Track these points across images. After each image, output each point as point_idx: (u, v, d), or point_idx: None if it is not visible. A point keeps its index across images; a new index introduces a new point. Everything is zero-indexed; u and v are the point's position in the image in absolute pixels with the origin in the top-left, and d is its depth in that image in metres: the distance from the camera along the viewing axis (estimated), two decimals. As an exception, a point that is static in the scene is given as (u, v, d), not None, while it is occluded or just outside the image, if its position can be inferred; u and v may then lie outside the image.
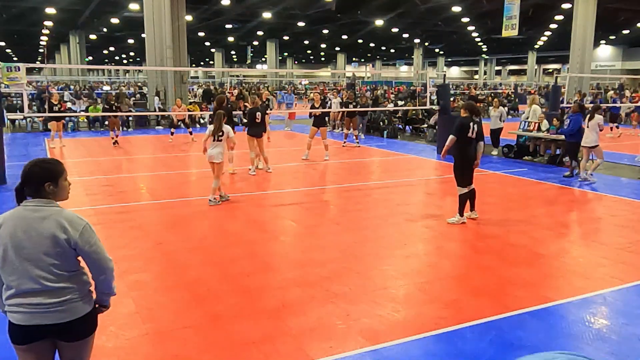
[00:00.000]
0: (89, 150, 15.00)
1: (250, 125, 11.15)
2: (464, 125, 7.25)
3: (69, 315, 2.57)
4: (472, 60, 69.76)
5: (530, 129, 13.30)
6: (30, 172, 2.59)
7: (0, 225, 2.56)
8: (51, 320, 2.54)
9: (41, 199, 2.58)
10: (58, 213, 2.58)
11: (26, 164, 2.63)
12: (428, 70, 38.19)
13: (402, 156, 14.18)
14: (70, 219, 2.58)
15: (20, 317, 2.54)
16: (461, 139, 7.25)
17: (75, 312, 2.59)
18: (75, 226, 2.56)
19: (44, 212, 2.55)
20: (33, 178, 2.58)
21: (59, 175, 2.63)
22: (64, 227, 2.53)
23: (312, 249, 6.42)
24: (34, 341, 2.58)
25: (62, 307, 2.55)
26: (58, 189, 2.62)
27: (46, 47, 45.87)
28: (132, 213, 8.04)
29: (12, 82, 10.42)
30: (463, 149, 7.28)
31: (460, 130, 7.23)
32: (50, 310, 2.54)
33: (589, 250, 6.51)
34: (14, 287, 2.54)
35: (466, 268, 5.83)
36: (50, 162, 2.69)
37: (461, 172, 7.35)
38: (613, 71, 44.96)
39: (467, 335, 4.23)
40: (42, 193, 2.58)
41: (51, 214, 2.56)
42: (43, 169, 2.61)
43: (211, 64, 68.15)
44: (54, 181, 2.60)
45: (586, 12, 25.27)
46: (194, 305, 4.75)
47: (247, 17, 33.58)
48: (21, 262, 2.52)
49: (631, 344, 4.08)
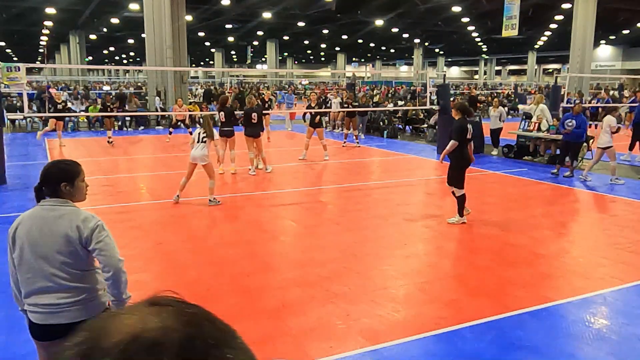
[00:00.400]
0: (89, 150, 15.00)
1: (246, 125, 11.14)
2: (464, 128, 7.31)
3: (83, 314, 2.60)
4: (472, 60, 69.71)
5: (530, 129, 13.30)
6: (48, 172, 2.67)
7: (18, 224, 2.63)
8: (66, 320, 2.58)
9: (57, 199, 2.64)
10: (72, 212, 2.63)
11: (45, 165, 2.72)
12: (428, 70, 38.16)
13: (402, 156, 14.18)
14: (84, 217, 2.63)
15: (37, 317, 2.60)
16: (461, 142, 7.31)
17: (90, 311, 2.62)
18: (87, 224, 2.61)
19: (59, 211, 2.61)
20: (51, 178, 2.65)
21: (75, 176, 2.68)
22: (77, 225, 2.59)
23: (312, 249, 6.42)
24: (53, 339, 2.61)
25: (77, 307, 2.60)
26: (74, 190, 2.68)
27: (46, 47, 45.87)
28: (132, 213, 8.04)
29: (12, 82, 10.41)
30: (461, 150, 7.32)
31: (461, 134, 7.29)
32: (64, 309, 2.58)
33: (589, 250, 6.51)
34: (30, 285, 2.59)
35: (466, 268, 5.82)
36: (67, 163, 2.75)
37: (459, 173, 7.40)
38: (613, 71, 44.95)
39: (467, 335, 4.23)
40: (58, 193, 2.64)
41: (65, 213, 2.61)
42: (60, 169, 2.69)
43: (211, 64, 68.13)
44: (70, 182, 2.66)
45: (586, 12, 25.27)
46: (194, 305, 4.74)
47: (247, 17, 33.57)
48: (36, 260, 2.57)
49: (631, 344, 4.08)
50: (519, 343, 4.13)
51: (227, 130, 11.12)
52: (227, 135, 11.06)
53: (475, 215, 8.03)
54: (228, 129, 11.16)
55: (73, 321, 2.57)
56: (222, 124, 11.22)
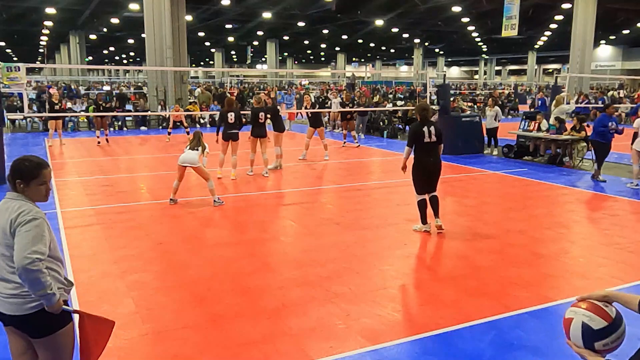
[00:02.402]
0: (89, 150, 15.00)
1: (254, 125, 10.83)
2: (416, 133, 6.90)
3: (20, 309, 2.61)
4: (472, 60, 69.71)
5: (530, 129, 13.30)
6: (11, 166, 2.74)
7: None
8: (6, 310, 2.62)
9: (12, 192, 2.69)
10: (14, 206, 2.63)
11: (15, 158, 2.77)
12: (428, 70, 38.15)
13: (402, 156, 14.14)
14: (21, 210, 2.60)
15: None
16: (417, 147, 6.94)
17: (22, 309, 2.61)
18: (19, 218, 2.57)
19: (8, 204, 2.66)
20: (10, 173, 2.71)
21: (30, 178, 2.67)
22: (13, 218, 2.58)
23: (312, 249, 6.42)
24: (6, 325, 2.69)
25: (13, 300, 2.61)
26: (28, 190, 2.68)
27: (46, 47, 45.89)
28: (132, 213, 8.03)
29: (12, 82, 10.41)
30: (418, 155, 6.98)
31: (414, 139, 6.91)
32: (3, 300, 2.62)
33: (589, 250, 6.51)
34: None
35: (466, 268, 5.82)
36: (28, 162, 2.71)
37: (414, 177, 7.11)
38: (613, 71, 44.95)
39: (467, 335, 4.23)
40: (15, 188, 2.69)
41: (9, 206, 2.64)
42: (18, 167, 2.70)
43: (211, 64, 68.11)
44: (25, 181, 2.67)
45: (586, 12, 25.27)
46: (194, 305, 4.75)
47: (247, 17, 33.56)
48: None
49: (631, 344, 4.07)
50: (519, 343, 4.13)
51: (235, 133, 10.51)
52: (234, 138, 10.48)
53: (475, 215, 8.04)
54: (236, 132, 10.55)
55: (12, 314, 2.62)
56: (231, 126, 10.49)
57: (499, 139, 14.48)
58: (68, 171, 11.56)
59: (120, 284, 5.20)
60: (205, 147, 8.51)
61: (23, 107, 14.43)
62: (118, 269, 5.56)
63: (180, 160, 8.36)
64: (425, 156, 6.93)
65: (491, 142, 14.49)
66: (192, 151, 8.34)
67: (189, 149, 8.41)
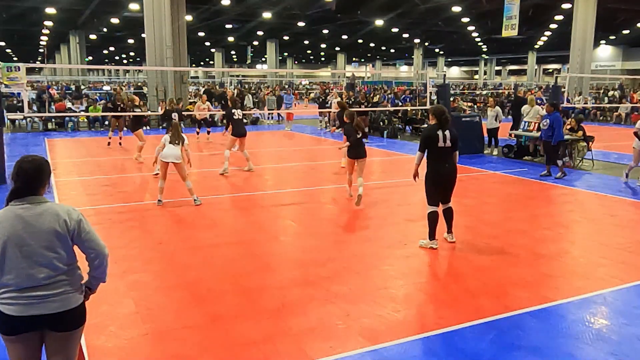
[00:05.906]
0: (89, 150, 15.00)
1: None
2: (430, 137, 6.23)
3: (63, 306, 2.67)
4: (472, 60, 69.72)
5: (530, 129, 13.30)
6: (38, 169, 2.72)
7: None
8: (47, 310, 2.64)
9: (35, 197, 2.69)
10: (56, 208, 2.70)
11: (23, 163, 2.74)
12: (428, 70, 38.17)
13: (402, 156, 14.17)
14: (66, 210, 2.72)
15: (15, 309, 2.60)
16: (430, 152, 6.30)
17: (69, 303, 2.69)
18: (72, 216, 2.70)
19: (43, 208, 2.67)
20: (38, 175, 2.72)
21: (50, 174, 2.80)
22: (63, 219, 2.66)
23: (312, 249, 6.42)
24: (24, 332, 2.65)
25: (57, 298, 2.65)
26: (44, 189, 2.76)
27: (46, 47, 45.91)
28: (132, 213, 8.03)
29: (12, 82, 10.42)
30: (431, 161, 6.34)
31: (426, 144, 6.28)
32: (46, 301, 2.63)
33: (589, 250, 6.51)
34: (12, 285, 2.60)
35: (466, 268, 5.82)
36: (45, 160, 2.80)
37: (428, 187, 6.45)
38: (613, 71, 44.95)
39: (467, 335, 4.23)
40: (41, 190, 2.72)
41: (50, 210, 2.67)
42: (45, 168, 2.75)
43: (211, 64, 68.12)
44: (48, 179, 2.77)
45: (586, 12, 25.28)
46: (194, 305, 4.75)
47: (247, 17, 33.58)
48: (22, 259, 2.60)
49: (631, 344, 4.08)
50: (518, 343, 4.13)
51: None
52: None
53: (475, 215, 8.03)
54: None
55: (53, 312, 2.65)
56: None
57: (500, 139, 14.50)
58: (68, 170, 11.56)
59: (120, 284, 5.20)
60: (185, 140, 8.38)
61: (23, 107, 14.41)
62: (118, 269, 5.56)
63: (162, 155, 8.23)
64: (439, 162, 6.26)
65: (492, 142, 14.51)
66: (174, 146, 8.22)
67: (170, 143, 8.27)
